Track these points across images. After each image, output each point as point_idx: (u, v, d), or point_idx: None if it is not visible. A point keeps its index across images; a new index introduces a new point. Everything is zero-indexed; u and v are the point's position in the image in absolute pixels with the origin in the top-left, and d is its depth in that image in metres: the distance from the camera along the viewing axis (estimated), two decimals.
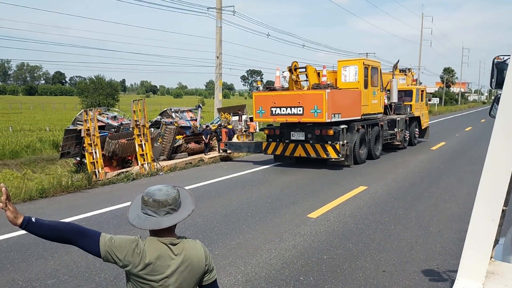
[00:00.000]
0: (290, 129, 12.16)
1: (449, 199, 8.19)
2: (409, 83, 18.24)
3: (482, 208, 1.61)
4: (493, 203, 1.59)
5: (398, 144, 15.74)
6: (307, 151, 11.86)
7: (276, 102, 11.87)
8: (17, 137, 16.58)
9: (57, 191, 8.90)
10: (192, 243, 2.04)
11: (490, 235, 1.61)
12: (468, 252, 1.64)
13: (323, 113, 11.07)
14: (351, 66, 12.77)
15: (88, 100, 33.73)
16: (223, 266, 4.94)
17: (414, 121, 17.43)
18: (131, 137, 11.61)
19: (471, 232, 1.65)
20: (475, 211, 1.63)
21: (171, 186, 2.02)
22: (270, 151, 12.68)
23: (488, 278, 1.61)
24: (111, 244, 1.91)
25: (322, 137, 11.59)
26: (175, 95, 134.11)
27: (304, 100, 11.38)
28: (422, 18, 59.71)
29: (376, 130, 13.80)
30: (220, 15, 20.06)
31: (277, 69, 12.72)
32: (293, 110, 11.56)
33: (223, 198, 8.43)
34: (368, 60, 13.85)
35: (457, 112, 53.62)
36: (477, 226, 1.62)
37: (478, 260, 1.60)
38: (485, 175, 1.62)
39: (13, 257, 5.31)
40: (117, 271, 4.77)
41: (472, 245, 1.63)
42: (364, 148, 13.15)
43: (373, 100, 13.58)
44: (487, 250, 1.62)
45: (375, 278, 4.61)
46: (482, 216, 1.60)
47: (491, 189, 1.59)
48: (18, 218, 1.82)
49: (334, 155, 11.50)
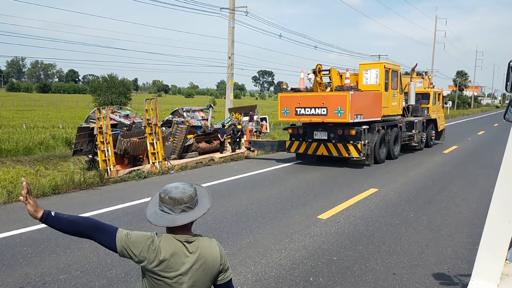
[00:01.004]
0: (313, 128, 12.64)
1: (461, 203, 8.13)
2: (426, 86, 18.65)
3: (498, 210, 1.60)
4: (509, 205, 1.58)
5: (415, 145, 16.05)
6: (329, 150, 12.38)
7: (301, 103, 12.33)
8: (31, 134, 16.80)
9: (70, 188, 9.01)
10: (208, 242, 2.05)
11: (506, 237, 1.60)
12: (483, 254, 1.63)
13: (346, 114, 11.48)
14: (372, 69, 13.29)
15: (101, 98, 33.98)
16: (233, 265, 4.96)
17: (431, 124, 17.80)
18: (143, 136, 11.70)
19: (487, 233, 1.65)
20: (491, 213, 1.63)
21: (189, 184, 2.03)
22: (293, 150, 13.19)
23: (503, 280, 1.60)
24: (127, 239, 1.94)
25: (344, 137, 12.05)
26: (186, 95, 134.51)
27: (328, 101, 11.82)
28: (436, 21, 59.20)
29: (395, 131, 14.25)
30: (232, 16, 20.11)
31: (301, 71, 13.23)
32: (317, 111, 11.99)
33: (233, 197, 8.46)
34: (388, 63, 14.24)
35: (469, 116, 53.06)
36: (493, 227, 1.61)
37: (493, 261, 1.59)
38: (501, 177, 1.62)
39: (26, 252, 5.39)
40: (128, 267, 4.82)
41: (487, 246, 1.62)
42: (384, 148, 13.58)
43: (392, 102, 14.06)
44: (502, 252, 1.61)
45: (385, 281, 4.60)
46: (498, 217, 1.60)
47: (507, 191, 1.58)
48: (38, 211, 1.86)
49: (356, 154, 11.94)
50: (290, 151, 13.33)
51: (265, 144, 14.82)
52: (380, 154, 13.15)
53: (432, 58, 57.62)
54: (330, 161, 13.15)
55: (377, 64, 13.79)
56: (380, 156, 13.15)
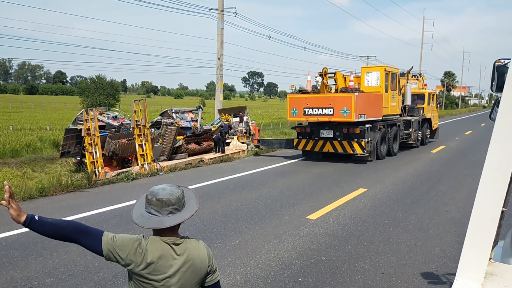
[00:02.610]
0: (319, 127, 13.53)
1: (449, 202, 8.21)
2: (420, 87, 19.82)
3: (482, 209, 1.62)
4: (492, 204, 1.60)
5: (412, 143, 17.17)
6: (335, 147, 13.27)
7: (309, 104, 13.19)
8: (18, 136, 16.57)
9: (57, 190, 8.91)
10: (195, 244, 2.04)
11: (489, 236, 1.62)
12: (467, 253, 1.65)
13: (351, 113, 12.35)
14: (373, 72, 14.39)
15: (89, 99, 33.63)
16: (222, 266, 4.94)
17: (426, 123, 18.95)
18: (132, 137, 11.62)
19: (471, 232, 1.67)
20: (475, 212, 1.65)
21: (176, 186, 2.01)
22: (300, 147, 14.07)
23: (487, 278, 1.62)
24: (114, 243, 1.91)
25: (349, 135, 12.94)
26: (176, 96, 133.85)
27: (334, 102, 12.72)
28: (423, 22, 59.83)
29: (394, 129, 15.20)
30: (221, 17, 20.09)
31: (308, 74, 14.12)
32: (324, 111, 12.89)
33: (222, 199, 8.44)
34: (389, 67, 15.11)
35: (457, 116, 53.66)
36: (477, 227, 1.63)
37: (477, 260, 1.61)
38: (484, 176, 1.64)
39: (12, 255, 5.31)
40: (116, 270, 4.78)
41: (471, 245, 1.64)
42: (385, 145, 14.53)
43: (392, 102, 15.10)
44: (486, 251, 1.63)
45: (374, 280, 4.62)
46: (482, 217, 1.62)
47: (490, 190, 1.60)
48: (21, 216, 1.82)
49: (360, 151, 12.81)
50: (297, 148, 14.14)
51: (273, 142, 15.69)
52: (381, 151, 14.07)
53: (420, 59, 58.21)
54: (327, 159, 13.88)
55: (378, 67, 14.82)
56: (381, 153, 14.07)
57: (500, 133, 1.61)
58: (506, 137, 1.59)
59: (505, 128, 1.59)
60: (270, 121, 30.52)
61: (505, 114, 1.61)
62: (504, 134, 1.59)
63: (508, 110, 1.61)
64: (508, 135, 1.59)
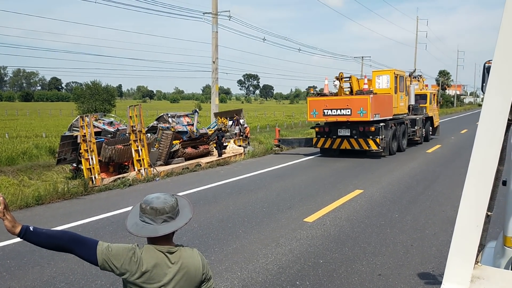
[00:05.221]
0: (337, 126, 14.83)
1: (445, 202, 8.24)
2: (421, 88, 21.08)
3: (466, 214, 1.65)
4: (476, 209, 1.63)
5: (418, 139, 18.41)
6: (351, 144, 14.56)
7: (328, 105, 14.55)
8: (14, 144, 16.51)
9: (54, 198, 8.89)
10: (190, 252, 2.05)
11: (474, 241, 1.64)
12: (453, 257, 1.68)
13: (368, 113, 13.68)
14: (384, 75, 15.93)
15: (84, 106, 33.56)
16: (219, 271, 4.95)
17: (428, 121, 20.37)
18: (128, 143, 11.61)
19: (456, 238, 1.69)
20: (459, 217, 1.67)
21: (169, 194, 2.03)
22: (319, 145, 15.41)
23: (474, 282, 1.64)
24: (108, 252, 1.93)
25: (365, 133, 14.24)
26: (171, 100, 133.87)
27: (352, 103, 14.08)
28: (417, 21, 60.06)
29: (403, 127, 16.55)
30: (216, 20, 20.11)
31: (325, 78, 15.66)
32: (342, 111, 14.25)
33: (219, 203, 8.44)
34: (397, 70, 16.35)
35: (453, 115, 53.81)
36: (461, 232, 1.66)
37: (462, 265, 1.63)
38: (468, 181, 1.66)
39: (10, 265, 5.31)
40: (113, 278, 4.78)
41: (456, 250, 1.67)
42: (395, 142, 15.74)
43: (400, 102, 16.54)
44: (471, 256, 1.65)
45: (371, 282, 4.64)
46: (466, 222, 1.64)
47: (474, 195, 1.62)
48: (16, 227, 1.83)
49: (375, 147, 14.11)
50: (317, 146, 15.53)
51: (293, 142, 17.24)
52: (392, 147, 15.34)
53: (414, 58, 58.47)
54: (326, 160, 14.31)
55: (388, 71, 16.17)
56: (392, 149, 15.35)
57: (483, 136, 1.62)
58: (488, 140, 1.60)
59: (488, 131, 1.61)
60: (266, 124, 30.54)
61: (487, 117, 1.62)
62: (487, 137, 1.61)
63: (489, 112, 1.62)
64: (490, 138, 1.60)
